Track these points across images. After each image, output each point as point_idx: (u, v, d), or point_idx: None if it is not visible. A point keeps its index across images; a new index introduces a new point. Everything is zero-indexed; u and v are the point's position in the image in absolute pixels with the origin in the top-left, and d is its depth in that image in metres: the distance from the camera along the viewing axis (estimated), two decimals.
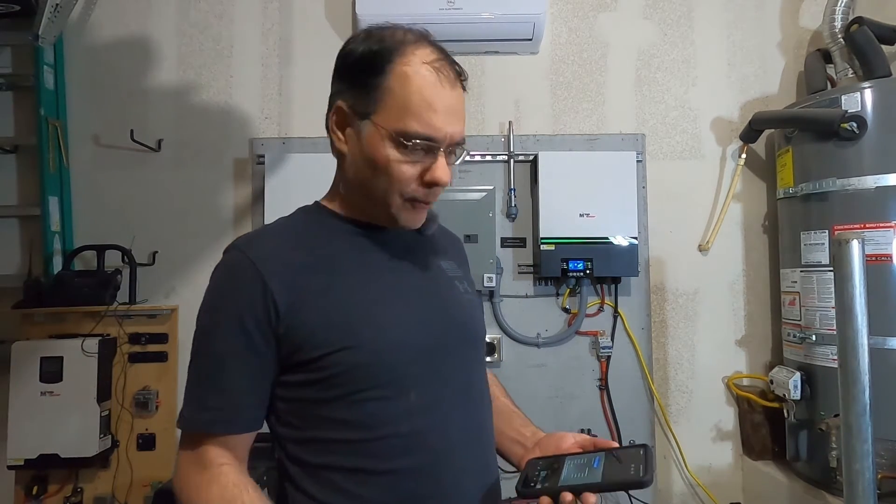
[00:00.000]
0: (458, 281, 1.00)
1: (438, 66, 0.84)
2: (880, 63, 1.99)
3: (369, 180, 0.87)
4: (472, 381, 0.93)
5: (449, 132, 0.84)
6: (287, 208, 1.01)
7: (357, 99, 0.86)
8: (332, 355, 0.82)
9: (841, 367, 1.40)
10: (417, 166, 0.85)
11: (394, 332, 0.85)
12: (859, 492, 1.36)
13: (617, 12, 2.47)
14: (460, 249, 1.11)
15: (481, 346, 1.01)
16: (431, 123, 0.83)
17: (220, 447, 0.83)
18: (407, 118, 0.83)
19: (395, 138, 0.83)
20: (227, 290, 0.86)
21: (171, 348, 2.28)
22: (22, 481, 2.17)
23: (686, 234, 2.42)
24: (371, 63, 0.85)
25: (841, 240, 1.39)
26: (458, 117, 0.86)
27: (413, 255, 0.95)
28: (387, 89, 0.84)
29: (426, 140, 0.83)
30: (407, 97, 0.83)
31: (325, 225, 0.93)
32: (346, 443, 0.82)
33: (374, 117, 0.84)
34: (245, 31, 2.44)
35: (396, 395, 0.84)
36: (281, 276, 0.83)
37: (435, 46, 0.88)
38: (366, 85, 0.85)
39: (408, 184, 0.85)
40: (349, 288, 0.86)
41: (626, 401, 2.32)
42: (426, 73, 0.83)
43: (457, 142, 0.87)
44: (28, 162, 2.35)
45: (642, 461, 0.77)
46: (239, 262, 0.86)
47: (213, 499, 0.79)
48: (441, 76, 0.84)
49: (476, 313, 1.01)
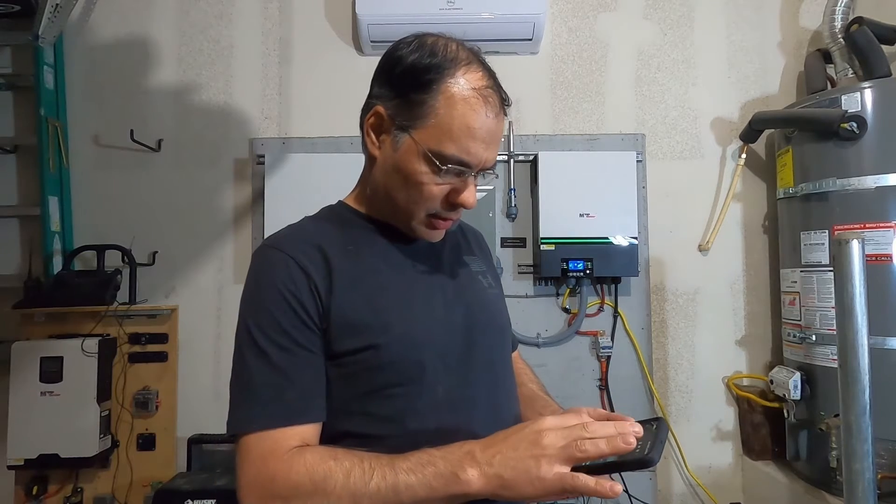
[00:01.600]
0: (481, 276, 1.01)
1: (486, 94, 0.84)
2: (880, 63, 1.99)
3: (396, 190, 0.88)
4: (498, 377, 0.94)
5: (484, 159, 0.85)
6: (287, 208, 1.01)
7: (399, 109, 0.85)
8: (360, 353, 0.83)
9: (841, 367, 1.40)
10: (446, 187, 0.86)
11: (421, 330, 0.86)
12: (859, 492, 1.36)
13: (617, 12, 2.47)
14: (483, 244, 1.12)
15: (507, 341, 1.01)
16: (469, 150, 0.83)
17: (296, 440, 0.78)
18: (446, 141, 0.83)
19: (430, 158, 0.83)
20: (273, 287, 0.83)
21: (171, 348, 2.28)
22: (22, 481, 2.17)
23: (686, 234, 2.42)
24: (419, 77, 0.84)
25: (841, 240, 1.39)
26: (495, 145, 0.87)
27: (437, 253, 0.96)
28: (431, 108, 0.83)
29: (460, 165, 0.84)
30: (450, 121, 0.82)
31: (350, 224, 0.94)
32: (377, 438, 0.83)
33: (413, 132, 0.84)
34: (245, 31, 2.44)
35: (424, 392, 0.84)
36: (317, 268, 0.84)
37: (485, 70, 0.88)
38: (410, 98, 0.84)
39: (434, 203, 0.87)
40: (377, 286, 0.87)
41: (626, 401, 2.32)
42: (473, 100, 0.83)
43: (489, 168, 0.88)
44: (28, 162, 2.35)
45: (651, 438, 0.70)
46: (279, 258, 0.85)
47: (311, 461, 0.73)
48: (488, 104, 0.84)
49: (500, 307, 1.02)
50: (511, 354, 1.04)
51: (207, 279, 2.37)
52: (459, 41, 0.88)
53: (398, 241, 0.93)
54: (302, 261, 0.84)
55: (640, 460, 0.68)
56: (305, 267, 0.84)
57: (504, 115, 0.88)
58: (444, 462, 0.71)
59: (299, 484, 0.72)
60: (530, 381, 1.09)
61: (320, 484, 0.72)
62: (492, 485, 0.70)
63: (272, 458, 0.75)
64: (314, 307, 0.82)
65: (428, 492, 0.71)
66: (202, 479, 2.00)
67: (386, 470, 0.72)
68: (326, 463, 0.73)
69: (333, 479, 0.72)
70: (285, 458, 0.74)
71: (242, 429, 0.78)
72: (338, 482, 0.72)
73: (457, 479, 0.70)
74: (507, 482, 0.69)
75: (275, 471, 0.74)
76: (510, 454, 0.70)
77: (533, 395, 1.04)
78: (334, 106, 2.40)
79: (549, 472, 0.68)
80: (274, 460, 0.74)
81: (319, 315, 0.83)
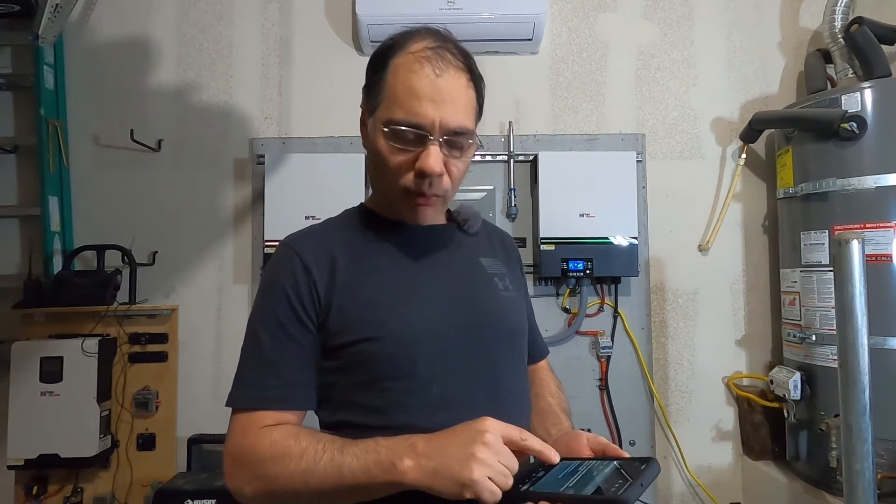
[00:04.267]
0: (498, 278, 0.99)
1: (428, 55, 0.85)
2: (880, 63, 1.99)
3: (374, 174, 0.94)
4: (501, 379, 0.92)
5: (436, 118, 0.84)
6: (287, 208, 1.03)
7: (367, 97, 0.92)
8: (358, 344, 0.85)
9: (841, 367, 1.40)
10: (408, 156, 0.86)
11: (418, 327, 0.87)
12: (859, 492, 1.36)
13: (617, 12, 2.47)
14: (510, 247, 1.10)
15: (517, 344, 0.98)
16: (414, 110, 0.84)
17: (272, 421, 0.85)
18: (393, 108, 0.85)
19: (384, 129, 0.86)
20: (277, 280, 0.90)
21: (171, 348, 2.28)
22: (22, 481, 2.17)
23: (686, 234, 2.42)
24: (377, 61, 0.90)
25: (841, 240, 1.39)
26: (449, 104, 0.84)
27: (447, 251, 0.96)
28: (384, 83, 0.87)
29: (411, 127, 0.84)
30: (394, 88, 0.86)
31: (361, 223, 0.97)
32: (370, 429, 0.83)
33: (376, 112, 0.89)
34: (245, 31, 2.44)
35: (417, 389, 0.85)
36: (321, 267, 0.89)
37: (436, 37, 0.88)
38: (371, 83, 0.90)
39: (399, 174, 0.87)
40: (380, 282, 0.89)
41: (626, 401, 2.32)
42: (413, 62, 0.85)
43: (452, 129, 0.85)
44: (28, 162, 2.35)
45: (637, 476, 0.70)
46: (286, 254, 0.91)
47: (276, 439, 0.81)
48: (431, 63, 0.85)
49: (513, 311, 0.98)
50: (523, 359, 1.01)
51: (207, 279, 2.37)
52: (422, 27, 0.90)
53: (409, 240, 0.94)
54: (307, 259, 0.89)
55: (614, 500, 0.67)
56: (308, 264, 0.89)
57: (465, 74, 0.88)
58: (387, 451, 0.75)
59: (263, 456, 0.80)
60: (550, 396, 1.06)
61: (279, 459, 0.79)
62: (427, 478, 0.72)
63: (248, 433, 0.83)
64: (311, 303, 0.87)
65: (367, 478, 0.75)
66: (202, 479, 2.00)
67: (335, 453, 0.77)
68: (287, 441, 0.80)
69: (289, 456, 0.79)
70: (258, 433, 0.83)
71: (231, 404, 0.87)
72: (292, 460, 0.78)
73: (394, 468, 0.73)
74: (439, 477, 0.71)
75: (247, 443, 0.82)
76: (449, 450, 0.72)
77: (547, 410, 1.02)
78: (334, 106, 2.40)
79: (470, 476, 0.70)
80: (249, 434, 0.83)
81: (316, 311, 0.87)
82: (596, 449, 0.85)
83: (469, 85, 0.88)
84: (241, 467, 0.82)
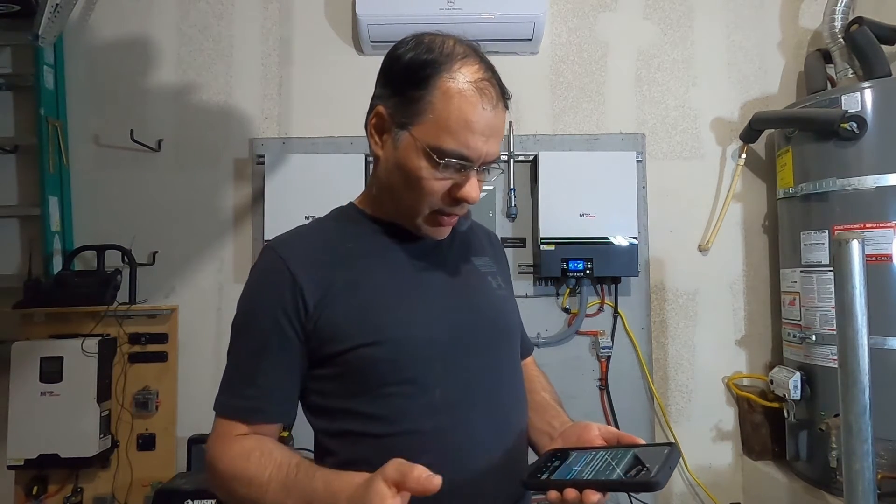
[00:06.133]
0: (491, 276, 1.00)
1: (482, 87, 0.83)
2: (880, 63, 1.99)
3: (399, 189, 0.88)
4: (501, 379, 0.92)
5: (484, 152, 0.84)
6: (287, 208, 1.02)
7: (398, 108, 0.86)
8: (356, 350, 0.84)
9: (841, 367, 1.40)
10: (447, 182, 0.85)
11: (418, 330, 0.86)
12: (859, 492, 1.36)
13: (617, 12, 2.47)
14: (497, 245, 1.11)
15: (514, 342, 0.99)
16: (467, 143, 0.83)
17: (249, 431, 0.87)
18: (444, 135, 0.82)
19: (429, 153, 0.83)
20: (260, 288, 0.89)
21: (171, 348, 2.28)
22: (22, 481, 2.17)
23: (686, 234, 2.42)
24: (416, 74, 0.84)
25: (841, 240, 1.39)
26: (495, 138, 0.86)
27: (443, 252, 0.96)
28: (428, 103, 0.83)
29: (460, 159, 0.83)
30: (447, 115, 0.82)
31: (354, 224, 0.95)
32: (372, 437, 0.83)
33: (412, 129, 0.84)
34: (245, 31, 2.44)
35: (420, 392, 0.84)
36: (310, 273, 0.86)
37: (483, 63, 0.87)
38: (408, 95, 0.84)
39: (435, 198, 0.86)
40: (375, 285, 0.88)
41: (626, 401, 2.32)
42: (469, 92, 0.82)
43: (492, 161, 0.87)
44: (28, 162, 2.35)
45: (661, 461, 0.71)
46: (271, 260, 0.89)
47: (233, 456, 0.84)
48: (484, 97, 0.83)
49: (508, 309, 1.00)
50: (519, 357, 1.02)
51: (207, 279, 2.37)
52: (457, 37, 0.88)
53: (402, 242, 0.93)
54: (293, 265, 0.86)
55: (646, 483, 0.68)
56: (295, 272, 0.86)
57: (504, 108, 0.88)
58: (318, 499, 0.75)
59: (224, 473, 0.84)
60: (543, 390, 1.07)
61: (233, 479, 0.83)
62: None
63: (223, 440, 0.86)
64: (296, 313, 0.85)
65: None
66: (202, 479, 2.00)
67: (279, 494, 0.79)
68: (240, 463, 0.83)
69: (239, 480, 0.82)
70: (230, 442, 0.85)
71: (215, 409, 0.89)
72: (242, 485, 0.82)
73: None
74: None
75: (216, 452, 0.86)
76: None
77: (545, 405, 1.03)
78: (334, 106, 2.40)
79: None
80: (222, 442, 0.86)
81: (301, 322, 0.85)
82: (609, 438, 0.84)
83: (504, 115, 0.88)
84: (211, 473, 0.86)
